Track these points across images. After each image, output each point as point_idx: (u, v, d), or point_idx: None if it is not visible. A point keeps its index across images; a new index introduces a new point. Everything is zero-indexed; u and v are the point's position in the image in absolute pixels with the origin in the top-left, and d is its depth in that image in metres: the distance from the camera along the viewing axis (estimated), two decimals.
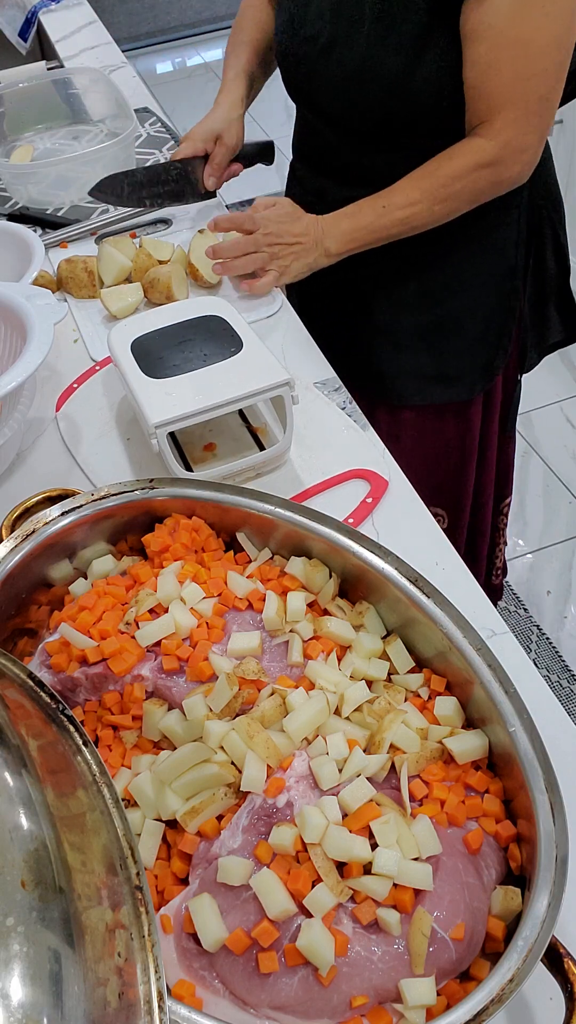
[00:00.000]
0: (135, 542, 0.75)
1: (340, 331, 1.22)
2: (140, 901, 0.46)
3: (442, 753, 0.60)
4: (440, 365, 1.22)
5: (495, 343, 1.23)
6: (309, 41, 1.06)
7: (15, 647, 0.70)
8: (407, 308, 1.20)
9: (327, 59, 1.05)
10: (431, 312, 1.19)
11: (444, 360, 1.22)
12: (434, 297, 1.18)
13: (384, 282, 1.18)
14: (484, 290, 1.18)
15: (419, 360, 1.22)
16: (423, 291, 1.18)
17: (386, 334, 1.22)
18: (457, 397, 1.24)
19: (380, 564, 0.67)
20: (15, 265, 1.11)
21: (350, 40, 1.02)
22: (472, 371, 1.23)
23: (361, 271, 1.15)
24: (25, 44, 1.90)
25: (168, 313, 0.96)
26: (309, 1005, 0.50)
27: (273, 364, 0.87)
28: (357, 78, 1.02)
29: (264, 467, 0.91)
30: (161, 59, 4.48)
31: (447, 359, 1.22)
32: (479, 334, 1.21)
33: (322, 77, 1.07)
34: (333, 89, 1.06)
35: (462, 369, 1.23)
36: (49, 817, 0.47)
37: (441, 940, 0.51)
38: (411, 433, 1.28)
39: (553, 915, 0.50)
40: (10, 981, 0.40)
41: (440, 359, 1.22)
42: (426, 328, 1.20)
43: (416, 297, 1.18)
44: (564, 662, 1.81)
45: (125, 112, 1.44)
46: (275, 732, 0.59)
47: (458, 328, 1.20)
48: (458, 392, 1.24)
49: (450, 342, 1.21)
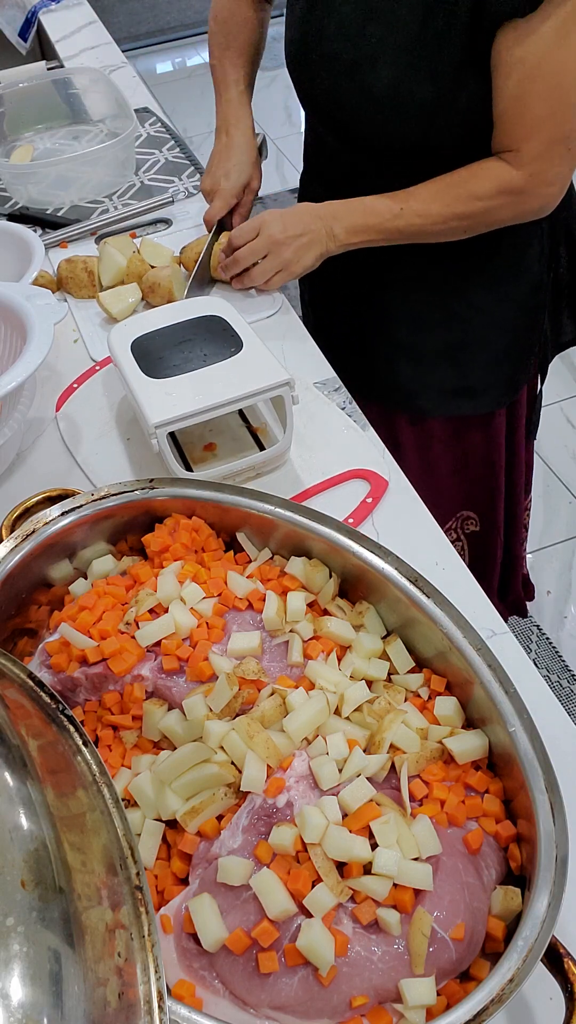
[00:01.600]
0: (135, 542, 0.75)
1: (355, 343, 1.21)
2: (140, 901, 0.46)
3: (442, 753, 0.60)
4: (464, 380, 1.21)
5: (520, 358, 1.22)
6: (329, 59, 1.03)
7: (15, 647, 0.70)
8: (431, 329, 1.18)
9: (350, 81, 1.01)
10: (456, 332, 1.17)
11: (468, 375, 1.20)
12: (459, 318, 1.16)
13: (406, 304, 1.16)
14: (510, 308, 1.17)
15: (442, 375, 1.20)
16: (448, 313, 1.16)
17: (407, 351, 1.20)
18: (482, 410, 1.23)
19: (380, 564, 0.67)
20: (15, 265, 1.11)
21: (376, 64, 0.98)
22: (497, 385, 1.22)
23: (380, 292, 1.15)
24: (25, 44, 1.90)
25: (168, 313, 0.96)
26: (309, 1005, 0.50)
27: (273, 364, 0.87)
28: (388, 104, 0.99)
29: (264, 467, 0.91)
30: (161, 59, 4.48)
31: (471, 374, 1.20)
32: (504, 350, 1.20)
33: (345, 98, 1.03)
34: (357, 112, 1.03)
35: (487, 383, 1.21)
36: (49, 817, 0.47)
37: (441, 940, 0.51)
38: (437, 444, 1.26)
39: (553, 915, 0.50)
40: (10, 981, 0.40)
41: (464, 374, 1.20)
42: (450, 346, 1.18)
43: (440, 319, 1.17)
44: (564, 662, 1.81)
45: (125, 112, 1.44)
46: (275, 732, 0.59)
47: (483, 346, 1.18)
48: (483, 405, 1.23)
49: (475, 359, 1.19)
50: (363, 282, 1.18)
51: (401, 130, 1.00)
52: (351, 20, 1.00)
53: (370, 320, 1.20)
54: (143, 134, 1.55)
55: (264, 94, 4.30)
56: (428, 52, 0.95)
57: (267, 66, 1.50)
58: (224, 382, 0.85)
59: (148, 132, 1.56)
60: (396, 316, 1.18)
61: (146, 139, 1.54)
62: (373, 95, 1.00)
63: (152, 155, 1.49)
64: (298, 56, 1.09)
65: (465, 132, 0.99)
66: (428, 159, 1.02)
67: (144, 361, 0.89)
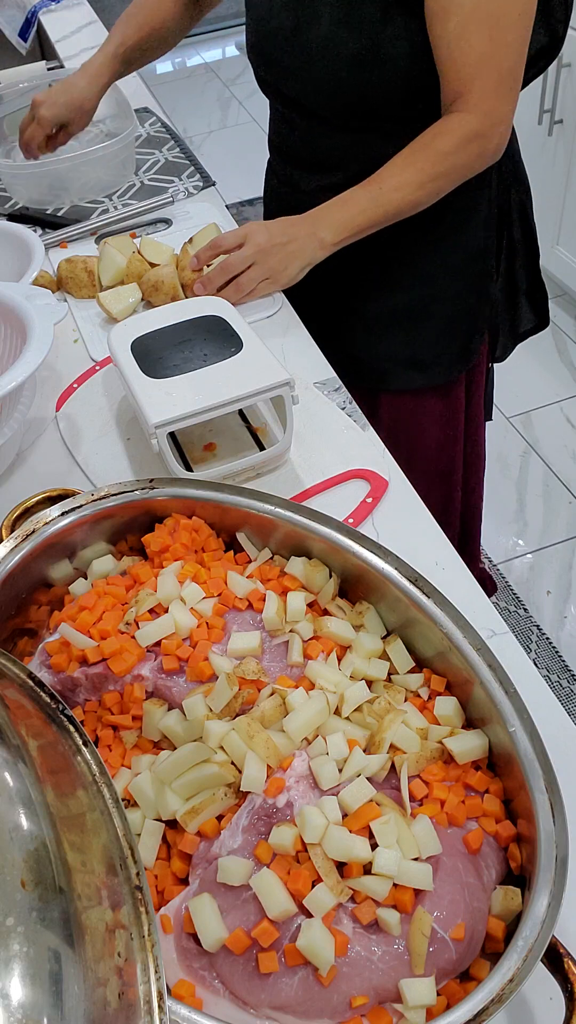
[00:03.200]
0: (135, 542, 0.75)
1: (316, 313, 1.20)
2: (140, 901, 0.46)
3: (442, 753, 0.60)
4: (414, 350, 1.22)
5: (469, 326, 1.23)
6: (274, 33, 1.08)
7: (15, 647, 0.70)
8: (375, 292, 1.19)
9: (291, 46, 1.06)
10: (400, 297, 1.19)
11: (418, 345, 1.22)
12: (402, 282, 1.18)
13: (350, 266, 1.16)
14: (454, 273, 1.18)
15: (392, 345, 1.22)
16: (390, 276, 1.18)
17: (358, 317, 1.21)
18: (434, 381, 1.24)
19: (380, 564, 0.67)
20: (15, 265, 1.11)
21: (311, 25, 1.03)
22: (447, 355, 1.23)
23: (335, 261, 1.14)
24: (25, 44, 1.90)
25: (168, 313, 0.96)
26: (309, 1005, 0.50)
27: (273, 364, 0.87)
28: (320, 59, 1.03)
29: (264, 467, 0.91)
30: (161, 59, 4.48)
31: (420, 344, 1.22)
32: (452, 317, 1.21)
33: (286, 63, 1.07)
34: (296, 73, 1.06)
35: (437, 354, 1.22)
36: (49, 817, 0.47)
37: (441, 940, 0.51)
38: (392, 417, 1.28)
39: (553, 915, 0.50)
40: (10, 981, 0.40)
41: (413, 344, 1.22)
42: (397, 313, 1.20)
43: (384, 281, 1.18)
44: (564, 662, 1.81)
45: (125, 112, 1.44)
46: (275, 732, 0.59)
47: (429, 312, 1.20)
48: (434, 376, 1.24)
49: (422, 326, 1.21)
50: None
51: (339, 86, 1.03)
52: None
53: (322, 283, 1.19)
54: (143, 134, 1.55)
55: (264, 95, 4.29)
56: (354, 5, 0.99)
57: None
58: (224, 382, 0.85)
59: (148, 132, 1.56)
60: (342, 279, 1.18)
61: (146, 139, 1.54)
62: (309, 54, 1.04)
63: (152, 155, 1.49)
64: (252, 41, 1.13)
65: (403, 84, 1.02)
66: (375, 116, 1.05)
67: (144, 361, 0.89)
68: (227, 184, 1.31)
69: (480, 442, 1.44)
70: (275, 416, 0.95)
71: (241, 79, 4.16)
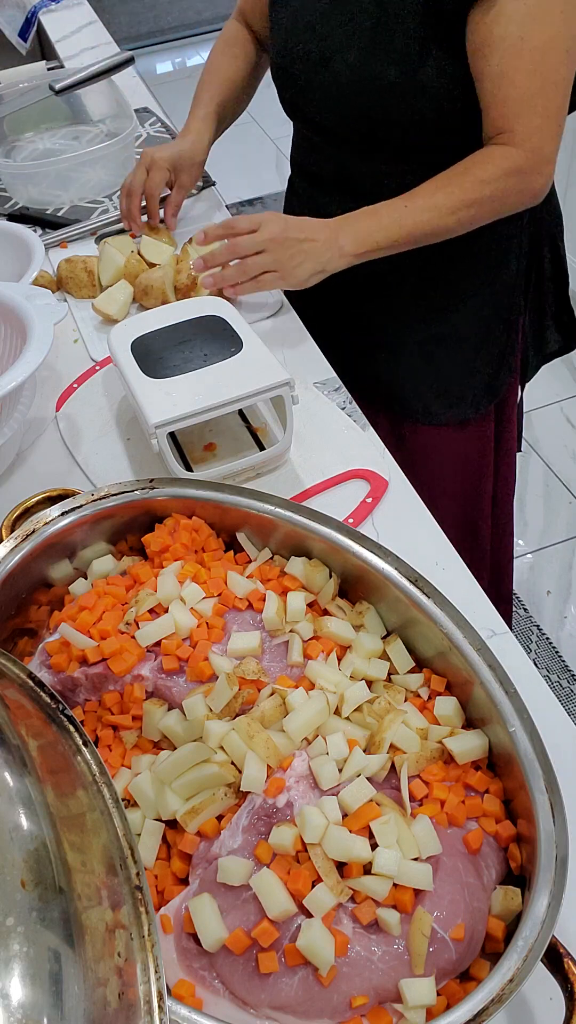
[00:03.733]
0: (135, 542, 0.75)
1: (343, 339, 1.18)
2: (140, 901, 0.46)
3: (442, 753, 0.60)
4: (440, 383, 1.18)
5: (498, 359, 1.19)
6: (302, 57, 1.04)
7: (15, 647, 0.70)
8: (405, 322, 1.16)
9: (321, 73, 1.02)
10: (430, 327, 1.15)
11: (444, 377, 1.18)
12: (433, 311, 1.14)
13: (380, 292, 1.14)
14: (484, 305, 1.14)
15: (418, 375, 1.19)
16: (421, 305, 1.14)
17: (386, 348, 1.18)
18: (462, 416, 1.21)
19: (380, 564, 0.67)
20: (15, 265, 1.11)
21: (343, 53, 0.99)
22: (474, 389, 1.20)
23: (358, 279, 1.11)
24: (25, 44, 1.90)
25: (168, 313, 0.96)
26: (309, 1005, 0.50)
27: (273, 364, 0.87)
28: (353, 88, 0.99)
29: (264, 467, 0.91)
30: (161, 59, 4.48)
31: (447, 376, 1.18)
32: (478, 350, 1.17)
33: (316, 91, 1.04)
34: (328, 101, 1.03)
35: (463, 387, 1.19)
36: (49, 817, 0.47)
37: (441, 940, 0.51)
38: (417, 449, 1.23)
39: (553, 915, 0.50)
40: (10, 981, 0.40)
41: (439, 376, 1.18)
42: (423, 342, 1.16)
43: (414, 311, 1.15)
44: (564, 662, 1.81)
45: (125, 112, 1.44)
46: (275, 732, 0.59)
47: (456, 344, 1.16)
48: (463, 411, 1.20)
49: (449, 358, 1.17)
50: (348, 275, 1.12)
51: (371, 116, 1.00)
52: (318, 15, 1.02)
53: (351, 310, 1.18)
54: (143, 134, 1.55)
55: (265, 93, 4.30)
56: (390, 35, 0.95)
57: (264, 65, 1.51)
58: (224, 382, 0.85)
59: (148, 132, 1.56)
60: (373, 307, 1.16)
61: (146, 139, 1.54)
62: (341, 82, 1.00)
63: None
64: (277, 62, 1.09)
65: (436, 116, 0.98)
66: (407, 146, 1.02)
67: (144, 361, 0.89)
68: (227, 184, 1.31)
69: (510, 477, 1.39)
70: (275, 416, 0.95)
71: None
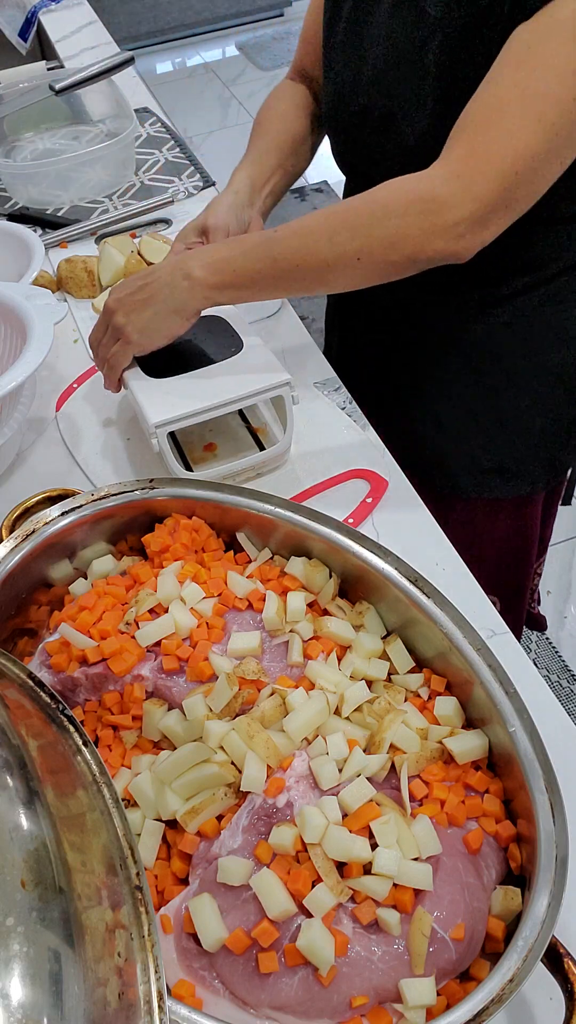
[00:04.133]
0: (135, 542, 0.75)
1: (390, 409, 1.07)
2: (140, 901, 0.46)
3: (442, 753, 0.60)
4: (496, 458, 1.06)
5: (563, 439, 1.07)
6: (360, 114, 0.91)
7: (15, 647, 0.70)
8: (461, 399, 1.04)
9: (384, 134, 0.89)
10: (488, 405, 1.03)
11: (500, 453, 1.06)
12: (491, 389, 1.02)
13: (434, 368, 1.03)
14: (549, 382, 1.01)
15: (475, 452, 1.06)
16: (479, 382, 1.02)
17: (436, 423, 1.06)
18: (517, 492, 1.09)
19: (380, 564, 0.67)
20: (15, 265, 1.11)
21: (412, 113, 0.85)
22: (535, 466, 1.08)
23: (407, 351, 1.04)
24: (25, 44, 1.90)
25: None
26: (309, 1005, 0.50)
27: (274, 364, 0.87)
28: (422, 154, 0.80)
29: (264, 467, 0.91)
30: (161, 59, 4.49)
31: (504, 452, 1.06)
32: (544, 429, 1.05)
33: (379, 153, 0.91)
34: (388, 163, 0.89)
35: (522, 463, 1.07)
36: (49, 817, 0.47)
37: (441, 940, 0.51)
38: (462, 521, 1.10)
39: (553, 915, 0.50)
40: (10, 981, 0.40)
41: (495, 451, 1.06)
42: (479, 415, 1.04)
43: (472, 388, 1.03)
44: (564, 662, 1.81)
45: (125, 112, 1.44)
46: (275, 732, 0.59)
47: (519, 423, 1.04)
48: (518, 487, 1.08)
49: (507, 432, 1.05)
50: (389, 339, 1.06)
51: None
52: (383, 70, 0.87)
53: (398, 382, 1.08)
54: (143, 134, 1.55)
55: (264, 94, 4.30)
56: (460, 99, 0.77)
57: (266, 66, 1.50)
58: (224, 382, 0.85)
59: (148, 132, 1.56)
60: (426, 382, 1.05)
61: (146, 139, 1.54)
62: (407, 147, 0.87)
63: (152, 155, 1.49)
64: (332, 115, 0.97)
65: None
66: None
67: (144, 361, 0.89)
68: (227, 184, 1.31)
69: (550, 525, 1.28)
70: (275, 416, 0.95)
71: (241, 79, 4.16)
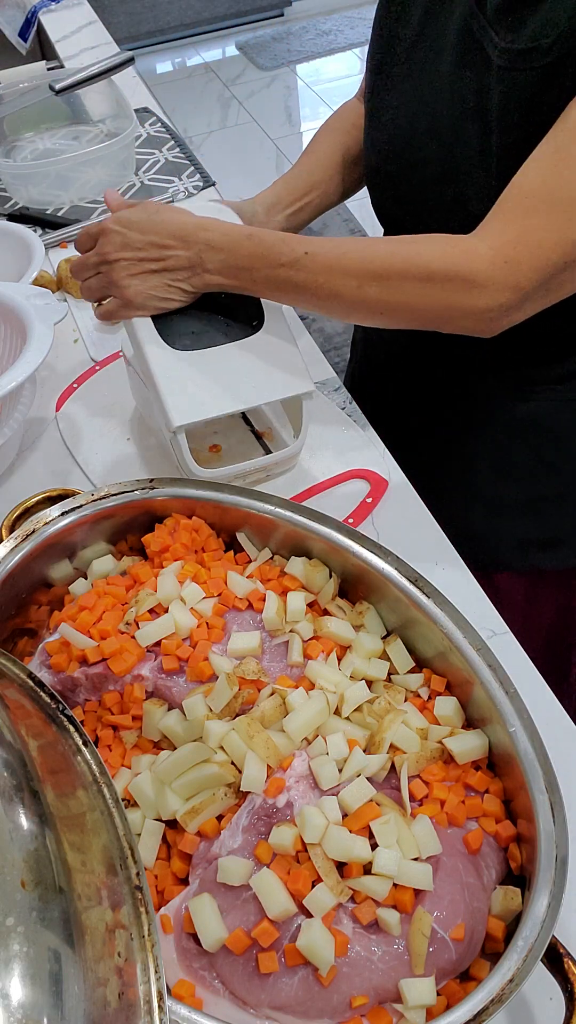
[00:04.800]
0: (135, 542, 0.75)
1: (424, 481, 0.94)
2: (140, 901, 0.46)
3: (442, 753, 0.60)
4: (545, 532, 1.02)
5: None
6: (415, 167, 0.84)
7: (15, 647, 0.70)
8: (516, 478, 0.99)
9: (442, 192, 0.82)
10: (544, 482, 0.98)
11: (550, 527, 1.01)
12: (550, 466, 0.97)
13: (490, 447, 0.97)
14: None
15: (523, 527, 1.02)
16: (537, 460, 0.96)
17: (485, 502, 1.00)
18: (566, 563, 1.04)
19: (380, 564, 0.67)
20: (15, 265, 1.11)
21: (474, 173, 0.78)
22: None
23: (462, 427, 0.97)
24: (25, 44, 1.90)
25: None
26: (309, 1005, 0.50)
27: (296, 361, 0.84)
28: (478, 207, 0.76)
29: (275, 468, 0.91)
30: (161, 59, 4.49)
31: (554, 526, 1.01)
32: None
33: (428, 205, 0.84)
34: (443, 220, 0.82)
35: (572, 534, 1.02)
36: (49, 817, 0.47)
37: (441, 940, 0.51)
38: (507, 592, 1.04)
39: (553, 915, 0.50)
40: (10, 981, 0.40)
41: (545, 527, 1.01)
42: (537, 498, 0.99)
43: (528, 466, 0.97)
44: None
45: (125, 112, 1.44)
46: (275, 732, 0.59)
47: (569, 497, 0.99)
48: (567, 558, 1.03)
49: (559, 510, 1.00)
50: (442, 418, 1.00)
51: None
52: (446, 120, 0.80)
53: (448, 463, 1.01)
54: (143, 134, 1.55)
55: (264, 94, 4.31)
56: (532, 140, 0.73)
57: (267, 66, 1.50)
58: (247, 377, 0.81)
59: (148, 132, 1.56)
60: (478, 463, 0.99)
61: (146, 139, 1.54)
62: (468, 210, 0.79)
63: (152, 155, 1.49)
64: (377, 163, 0.90)
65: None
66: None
67: (161, 322, 0.81)
68: (227, 184, 1.31)
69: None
70: (280, 418, 0.94)
71: (241, 79, 4.16)
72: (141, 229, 0.78)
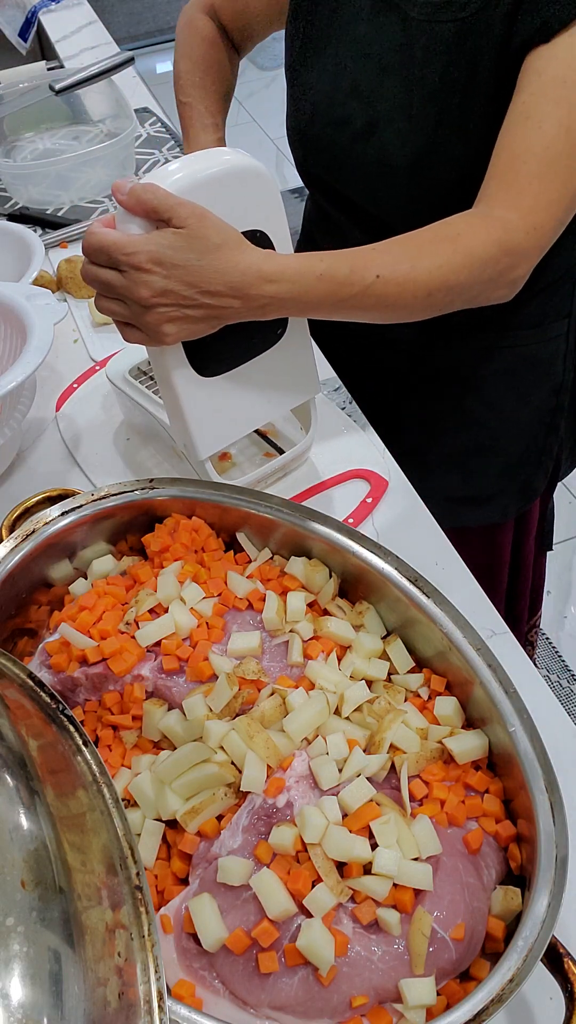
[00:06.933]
0: (135, 542, 0.75)
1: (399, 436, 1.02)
2: (140, 901, 0.46)
3: (442, 753, 0.60)
4: (472, 487, 1.07)
5: (535, 463, 1.08)
6: (339, 125, 0.87)
7: (15, 647, 0.70)
8: (441, 430, 1.04)
9: (361, 145, 0.85)
10: (468, 434, 1.04)
11: (477, 482, 1.07)
12: (472, 417, 1.03)
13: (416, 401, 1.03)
14: (527, 408, 1.03)
15: (448, 482, 1.06)
16: (460, 411, 1.02)
17: (413, 456, 0.99)
18: (488, 519, 1.09)
19: (380, 564, 0.67)
20: (15, 265, 1.11)
21: (395, 123, 0.82)
22: (507, 492, 1.09)
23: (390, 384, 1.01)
24: (25, 44, 1.90)
25: None
26: (309, 1005, 0.50)
27: (308, 365, 0.83)
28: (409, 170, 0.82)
29: (290, 466, 0.90)
30: (161, 59, 4.48)
31: (480, 481, 1.07)
32: (519, 455, 1.06)
33: (355, 168, 0.87)
34: (368, 181, 0.87)
35: (496, 490, 1.08)
36: (49, 817, 0.47)
37: (441, 940, 0.51)
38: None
39: (553, 915, 0.50)
40: (10, 981, 0.40)
41: (472, 481, 1.07)
42: (461, 450, 1.05)
43: (453, 418, 1.03)
44: (564, 662, 1.81)
45: (125, 112, 1.44)
46: (275, 732, 0.59)
47: (496, 449, 1.05)
48: (489, 514, 1.09)
49: (486, 464, 1.06)
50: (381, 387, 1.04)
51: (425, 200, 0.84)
52: (365, 80, 0.84)
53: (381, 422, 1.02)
54: (143, 134, 1.55)
55: (264, 94, 4.30)
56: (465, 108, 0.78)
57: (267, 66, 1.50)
58: (262, 394, 0.80)
59: (148, 132, 1.56)
60: (405, 417, 1.05)
61: (146, 139, 1.54)
62: (392, 162, 0.83)
63: (152, 155, 1.49)
64: (303, 127, 0.93)
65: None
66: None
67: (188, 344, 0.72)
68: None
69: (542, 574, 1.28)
70: (282, 418, 0.94)
71: (241, 79, 4.13)
72: (186, 278, 0.65)
